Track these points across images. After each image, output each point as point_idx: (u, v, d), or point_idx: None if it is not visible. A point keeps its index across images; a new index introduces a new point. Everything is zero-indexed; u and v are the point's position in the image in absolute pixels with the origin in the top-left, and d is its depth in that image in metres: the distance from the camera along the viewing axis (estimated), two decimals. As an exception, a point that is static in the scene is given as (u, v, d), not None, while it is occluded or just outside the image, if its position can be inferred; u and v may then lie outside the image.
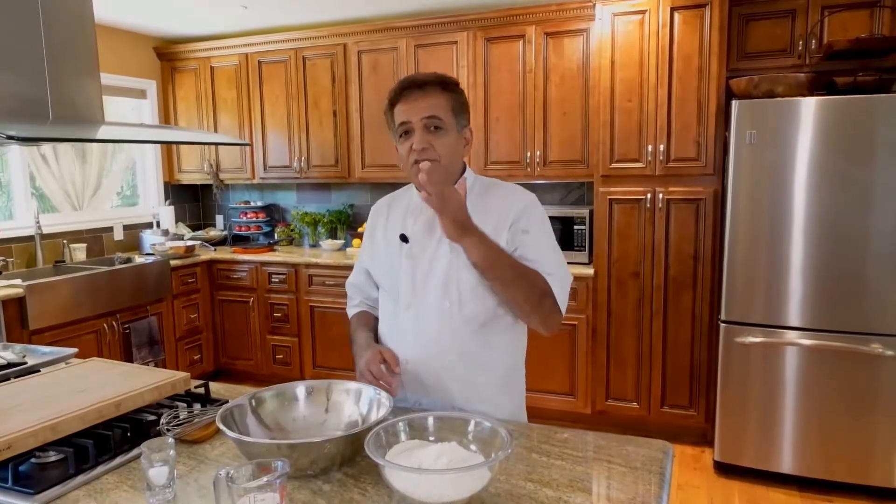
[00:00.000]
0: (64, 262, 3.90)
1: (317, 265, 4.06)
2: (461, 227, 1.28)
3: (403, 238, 1.49)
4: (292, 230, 4.70)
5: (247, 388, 1.56)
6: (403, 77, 1.45)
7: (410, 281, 1.46)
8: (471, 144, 1.50)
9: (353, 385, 1.33)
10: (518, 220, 1.42)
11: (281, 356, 4.23)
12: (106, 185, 4.42)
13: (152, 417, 1.35)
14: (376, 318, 1.62)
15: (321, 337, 4.10)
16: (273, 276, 4.18)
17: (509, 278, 1.35)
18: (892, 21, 3.00)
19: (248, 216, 4.74)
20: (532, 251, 1.40)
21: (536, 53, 3.61)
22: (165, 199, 4.79)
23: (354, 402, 1.30)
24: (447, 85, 1.42)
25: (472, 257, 1.33)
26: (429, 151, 1.37)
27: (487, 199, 1.47)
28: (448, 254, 1.41)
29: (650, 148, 3.22)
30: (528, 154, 3.69)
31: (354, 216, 4.55)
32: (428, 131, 1.38)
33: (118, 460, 1.21)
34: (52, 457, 1.19)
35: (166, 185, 4.83)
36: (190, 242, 4.34)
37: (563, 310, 1.41)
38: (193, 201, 5.10)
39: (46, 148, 3.96)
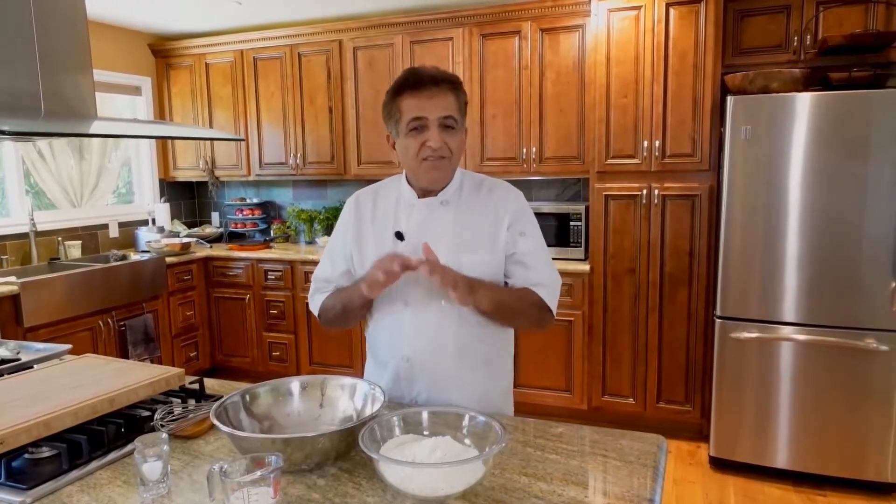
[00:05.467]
0: (59, 259, 3.89)
1: (313, 262, 4.05)
2: (468, 287, 1.32)
3: (399, 235, 1.47)
4: (288, 227, 4.69)
5: (242, 384, 1.56)
6: (413, 68, 1.46)
7: (408, 279, 1.43)
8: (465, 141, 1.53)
9: (347, 380, 1.34)
10: (516, 221, 1.47)
11: (277, 353, 4.23)
12: (103, 182, 4.41)
13: (146, 413, 1.35)
14: None
15: (317, 334, 4.10)
16: (269, 273, 4.17)
17: (511, 314, 1.46)
18: (886, 16, 3.00)
19: (244, 213, 4.72)
20: (529, 255, 1.47)
21: (532, 50, 3.60)
22: (161, 197, 4.78)
23: (349, 398, 1.31)
24: (457, 86, 1.45)
25: (483, 307, 1.38)
26: (443, 150, 1.40)
27: (481, 197, 1.50)
28: (445, 251, 1.40)
29: (646, 144, 3.22)
30: (525, 150, 3.69)
31: (350, 213, 4.54)
32: (444, 130, 1.40)
33: (112, 456, 1.21)
34: (46, 452, 1.19)
35: (161, 182, 4.82)
36: (185, 240, 4.32)
37: (555, 309, 1.49)
38: (189, 198, 5.09)
39: (43, 144, 3.94)
